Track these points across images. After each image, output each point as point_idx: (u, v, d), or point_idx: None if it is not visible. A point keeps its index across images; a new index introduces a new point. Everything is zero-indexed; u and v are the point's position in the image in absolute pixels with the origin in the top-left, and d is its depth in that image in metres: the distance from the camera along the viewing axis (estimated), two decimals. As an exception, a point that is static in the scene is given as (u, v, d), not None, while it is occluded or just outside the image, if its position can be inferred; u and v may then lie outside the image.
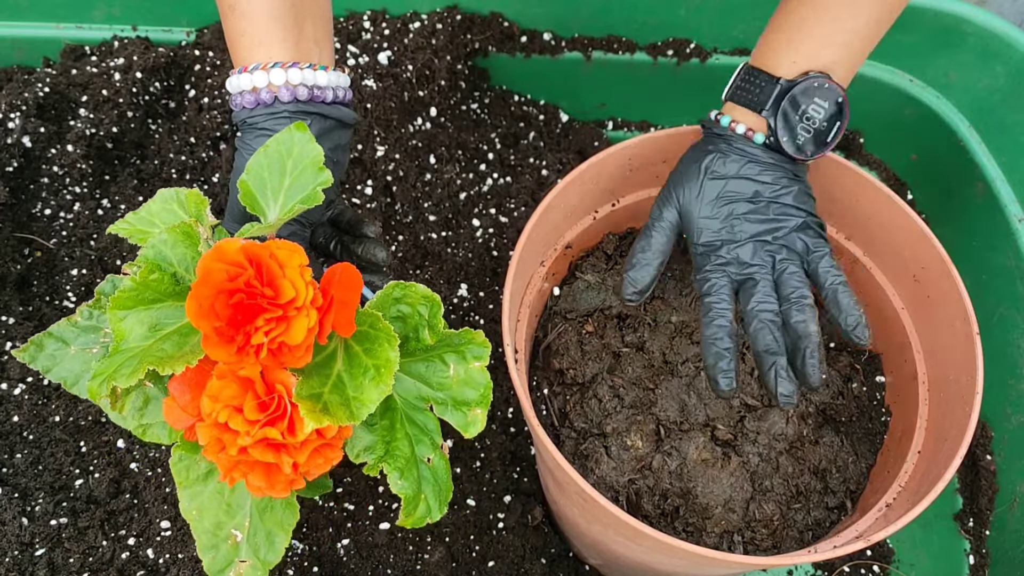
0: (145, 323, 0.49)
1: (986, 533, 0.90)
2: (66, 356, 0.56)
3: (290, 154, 0.55)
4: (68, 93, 1.00)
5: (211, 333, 0.44)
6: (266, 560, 0.53)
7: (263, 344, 0.44)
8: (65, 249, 0.94)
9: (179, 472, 0.53)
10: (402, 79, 1.02)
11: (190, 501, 0.53)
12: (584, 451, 0.71)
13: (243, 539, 0.53)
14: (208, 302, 0.44)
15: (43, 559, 0.73)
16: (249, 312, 0.44)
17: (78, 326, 0.57)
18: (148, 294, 0.50)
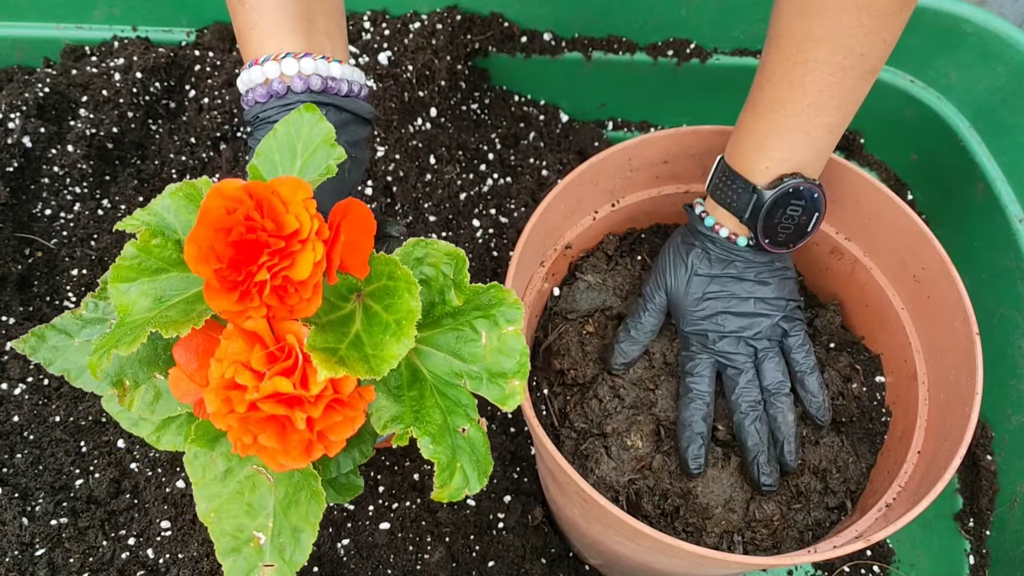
0: (150, 295, 0.46)
1: (986, 533, 0.90)
2: (70, 348, 0.53)
3: (299, 136, 0.53)
4: (68, 93, 1.00)
5: (211, 278, 0.41)
6: (293, 561, 0.48)
7: (266, 281, 0.40)
8: (65, 249, 0.94)
9: (195, 471, 0.49)
10: (402, 79, 1.02)
11: (208, 503, 0.48)
12: (584, 451, 0.71)
13: (267, 541, 0.49)
14: (207, 243, 0.41)
15: (43, 559, 0.73)
16: (251, 250, 0.41)
17: (83, 319, 0.54)
18: (151, 263, 0.47)
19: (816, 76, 0.62)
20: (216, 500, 0.49)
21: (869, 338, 0.80)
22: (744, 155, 0.68)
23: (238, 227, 0.40)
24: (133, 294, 0.46)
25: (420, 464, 0.87)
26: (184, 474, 0.78)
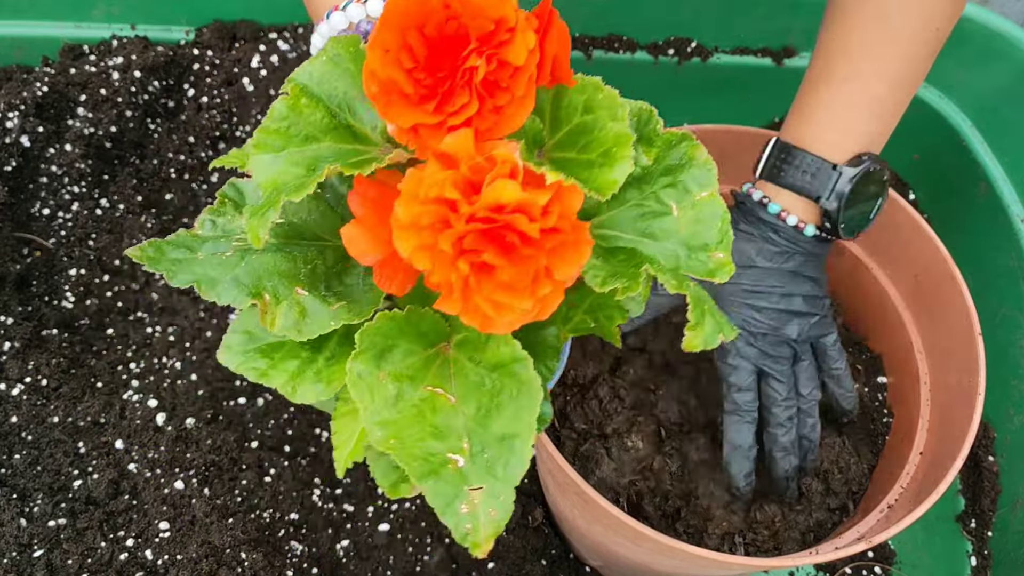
0: (300, 165, 0.39)
1: (988, 535, 0.90)
2: (194, 262, 0.45)
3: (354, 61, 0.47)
4: (67, 92, 1.00)
5: (404, 81, 0.34)
6: (508, 476, 0.39)
7: (477, 68, 0.34)
8: (64, 249, 0.93)
9: (361, 393, 0.40)
10: (402, 78, 1.01)
11: (382, 430, 0.40)
12: (584, 452, 0.71)
13: (466, 462, 0.40)
14: (396, 43, 0.34)
15: (41, 560, 0.73)
16: (451, 46, 0.34)
17: (201, 236, 0.46)
18: (300, 127, 0.40)
19: (899, 49, 0.60)
20: (392, 426, 0.40)
21: (870, 338, 0.80)
22: (817, 130, 0.63)
23: (435, 16, 0.34)
24: (280, 165, 0.39)
25: (420, 465, 0.87)
26: (183, 475, 0.78)
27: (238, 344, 0.45)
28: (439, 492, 0.39)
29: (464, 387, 0.42)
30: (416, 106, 0.35)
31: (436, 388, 0.41)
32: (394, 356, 0.42)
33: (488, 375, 0.42)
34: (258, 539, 0.76)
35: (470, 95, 0.34)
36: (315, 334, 0.42)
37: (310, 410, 0.88)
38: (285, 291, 0.43)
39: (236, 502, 0.78)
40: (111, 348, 0.89)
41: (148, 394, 0.83)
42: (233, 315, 0.89)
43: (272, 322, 0.42)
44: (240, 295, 0.43)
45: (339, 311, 0.42)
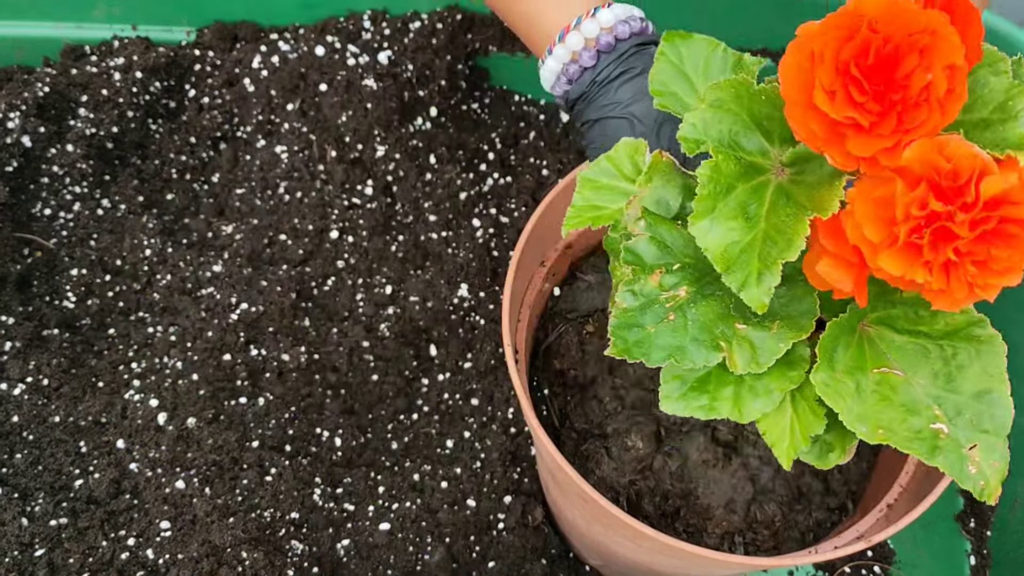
0: (734, 217, 0.41)
1: (987, 534, 0.90)
2: (651, 339, 0.47)
3: (684, 62, 0.50)
4: (68, 93, 1.00)
5: (858, 115, 0.35)
6: (998, 427, 0.42)
7: (935, 82, 0.34)
8: (65, 249, 0.94)
9: (833, 399, 0.43)
10: (402, 79, 1.01)
11: (865, 423, 0.43)
12: (585, 452, 0.71)
13: (949, 427, 0.43)
14: (837, 83, 0.35)
15: (43, 559, 0.73)
16: (889, 63, 0.35)
17: (631, 311, 0.48)
18: (721, 182, 0.42)
19: None
20: (871, 418, 0.43)
21: (870, 338, 0.80)
22: None
23: (872, 44, 0.35)
24: (717, 230, 0.41)
25: (420, 464, 0.87)
26: (184, 474, 0.78)
27: (674, 391, 0.48)
28: (950, 464, 0.42)
29: (904, 360, 0.45)
30: (872, 134, 0.35)
31: (881, 368, 0.44)
32: (838, 355, 0.45)
33: (933, 343, 0.44)
34: (259, 538, 0.76)
35: (930, 110, 0.35)
36: (771, 362, 0.45)
37: (311, 410, 0.88)
38: (729, 331, 0.45)
39: (237, 501, 0.78)
40: (112, 348, 0.89)
41: (149, 394, 0.83)
42: (234, 314, 0.89)
43: (734, 364, 0.45)
44: (708, 353, 0.45)
45: (780, 332, 0.45)
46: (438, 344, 0.94)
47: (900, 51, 0.35)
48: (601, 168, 0.52)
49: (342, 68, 1.00)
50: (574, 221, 0.52)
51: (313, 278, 0.95)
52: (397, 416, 0.90)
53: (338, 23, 1.05)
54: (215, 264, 0.94)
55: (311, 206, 0.97)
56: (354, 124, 0.98)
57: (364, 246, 0.97)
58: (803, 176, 0.42)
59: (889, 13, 0.35)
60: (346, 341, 0.91)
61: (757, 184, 0.43)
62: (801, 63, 0.37)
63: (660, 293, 0.48)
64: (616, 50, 0.56)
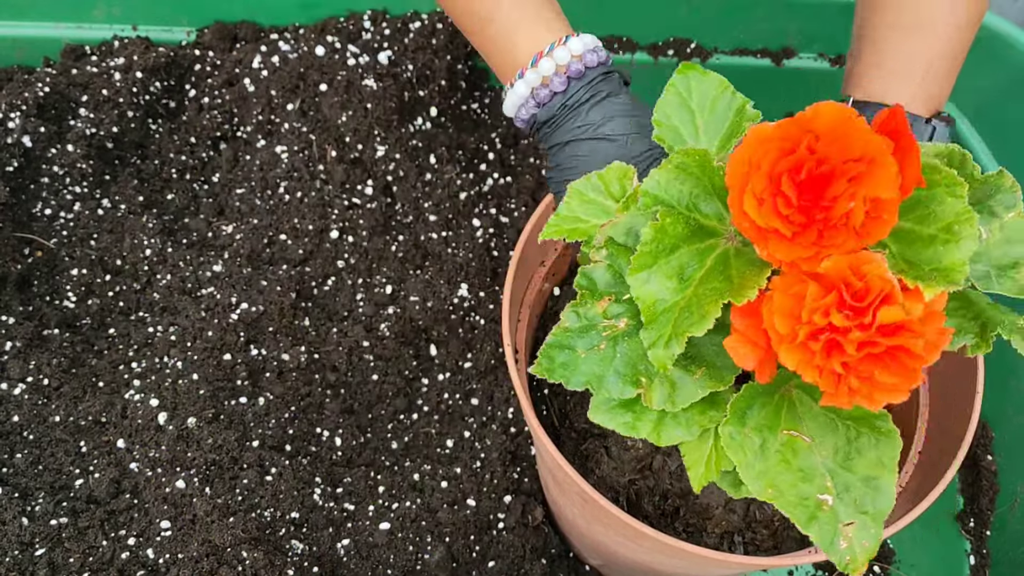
0: (669, 277, 0.45)
1: (987, 533, 0.90)
2: (578, 362, 0.51)
3: (691, 95, 0.52)
4: (68, 93, 1.00)
5: (781, 227, 0.37)
6: (877, 512, 0.45)
7: (853, 211, 0.37)
8: (65, 249, 0.94)
9: (735, 452, 0.46)
10: (402, 79, 1.02)
11: (758, 481, 0.46)
12: (585, 451, 0.71)
13: (835, 501, 0.45)
14: (768, 192, 0.37)
15: (43, 559, 0.73)
16: (819, 183, 0.37)
17: (569, 331, 0.52)
18: (665, 242, 0.45)
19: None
20: (765, 476, 0.46)
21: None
22: (903, 85, 0.62)
23: (806, 163, 0.37)
24: (653, 284, 0.45)
25: (420, 464, 0.87)
26: (184, 474, 0.78)
27: (603, 404, 0.50)
28: (823, 535, 0.45)
29: (815, 428, 0.47)
30: (793, 243, 0.38)
31: (791, 431, 0.47)
32: (753, 412, 0.47)
33: (842, 422, 0.47)
34: (259, 538, 0.76)
35: (847, 234, 0.37)
36: (686, 404, 0.47)
37: (311, 410, 0.88)
38: (653, 368, 0.47)
39: (237, 501, 0.78)
40: (112, 348, 0.89)
41: (149, 393, 0.83)
42: (234, 314, 0.90)
43: (650, 400, 0.47)
44: (624, 386, 0.48)
45: (702, 379, 0.48)
46: (438, 344, 0.94)
47: (832, 174, 0.37)
48: (591, 183, 0.54)
49: (342, 68, 1.00)
50: (552, 230, 0.54)
51: (313, 278, 0.95)
52: (397, 416, 0.91)
53: (338, 23, 1.05)
54: (215, 264, 0.94)
55: (311, 206, 0.97)
56: (354, 124, 0.99)
57: (364, 246, 0.97)
58: (749, 247, 0.45)
59: (836, 132, 0.37)
60: (346, 341, 0.91)
61: (705, 247, 0.46)
62: (744, 162, 0.39)
63: (601, 320, 0.51)
64: (585, 76, 0.60)
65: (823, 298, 0.38)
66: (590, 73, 0.59)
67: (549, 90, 0.60)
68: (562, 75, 0.59)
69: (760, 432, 0.47)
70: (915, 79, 0.62)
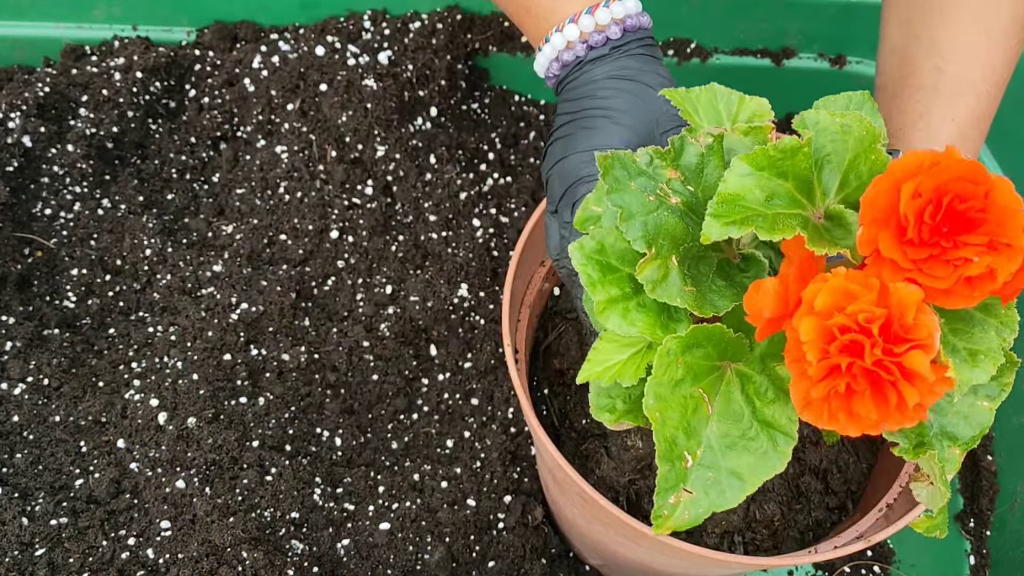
0: (764, 190, 0.44)
1: (987, 533, 0.90)
2: (626, 190, 0.49)
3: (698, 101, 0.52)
4: (68, 93, 1.00)
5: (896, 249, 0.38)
6: (714, 502, 0.46)
7: (973, 276, 0.37)
8: (65, 249, 0.94)
9: (659, 366, 0.47)
10: (402, 79, 1.02)
11: (655, 400, 0.46)
12: (584, 451, 0.71)
13: (692, 466, 0.47)
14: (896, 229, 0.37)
15: (43, 559, 0.73)
16: (957, 226, 0.37)
17: (636, 166, 0.50)
18: (778, 165, 0.45)
19: (1000, 50, 0.60)
20: (662, 403, 0.47)
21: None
22: (941, 142, 0.63)
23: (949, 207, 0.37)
24: (750, 183, 0.44)
25: (420, 464, 0.87)
26: (184, 474, 0.78)
27: (590, 248, 0.49)
28: (666, 478, 0.46)
29: (724, 409, 0.48)
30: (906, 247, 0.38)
31: (704, 394, 0.47)
32: (695, 352, 0.47)
33: (752, 418, 0.47)
34: (259, 538, 0.76)
35: (955, 286, 0.38)
36: (662, 300, 0.47)
37: (311, 410, 0.88)
38: (666, 251, 0.47)
39: (237, 501, 0.78)
40: (112, 348, 0.89)
41: (149, 393, 0.83)
42: (234, 314, 0.90)
43: (642, 269, 0.46)
44: (641, 239, 0.47)
45: (688, 295, 0.47)
46: (438, 344, 0.94)
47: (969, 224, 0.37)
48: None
49: (342, 68, 1.00)
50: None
51: (313, 278, 0.95)
52: (397, 416, 0.91)
53: (338, 23, 1.05)
54: (215, 264, 0.94)
55: (311, 206, 0.97)
56: (354, 124, 0.99)
57: (364, 246, 0.97)
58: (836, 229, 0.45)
59: (981, 204, 0.37)
60: (346, 341, 0.91)
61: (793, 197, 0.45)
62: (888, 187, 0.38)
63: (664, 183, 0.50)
64: (609, 44, 0.60)
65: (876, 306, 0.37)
66: (615, 42, 0.60)
67: (573, 53, 0.60)
68: (585, 42, 0.59)
69: (687, 372, 0.47)
70: (952, 141, 0.62)
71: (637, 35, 0.61)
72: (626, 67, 0.60)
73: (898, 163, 0.39)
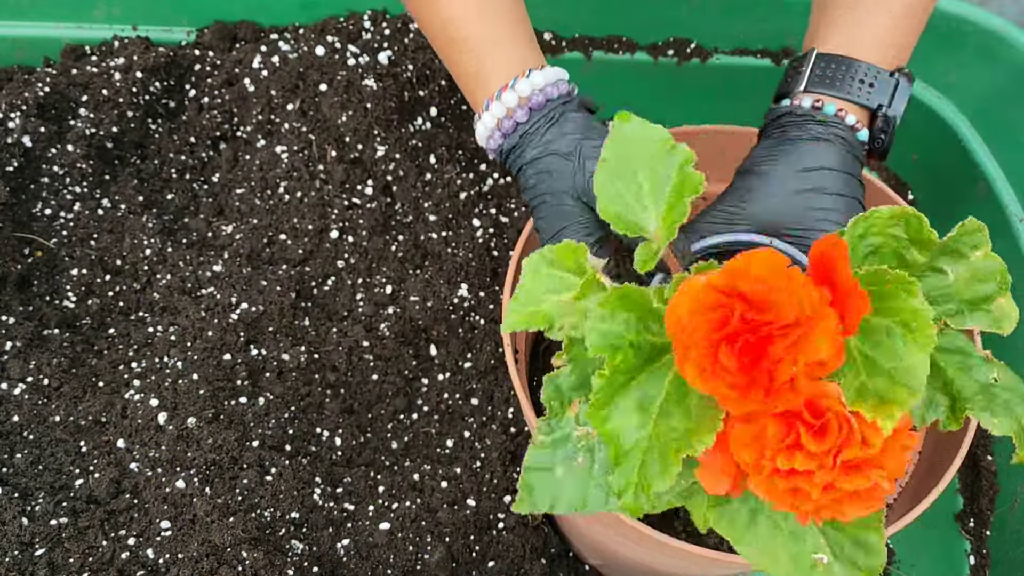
0: (630, 410, 0.43)
1: (987, 533, 0.90)
2: (555, 483, 0.49)
3: (630, 152, 0.51)
4: (68, 93, 1.00)
5: (726, 391, 0.38)
6: (868, 566, 0.45)
7: (793, 376, 0.37)
8: (65, 249, 0.94)
9: (725, 527, 0.46)
10: (402, 79, 1.02)
11: (757, 551, 0.45)
12: (584, 451, 0.71)
13: (830, 559, 0.45)
14: (708, 361, 0.37)
15: (43, 559, 0.73)
16: (756, 349, 0.37)
17: (544, 446, 0.49)
18: (619, 379, 0.43)
19: None
20: (758, 543, 0.46)
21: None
22: (859, 39, 0.61)
23: (739, 331, 0.37)
24: (616, 419, 0.43)
25: (420, 464, 0.87)
26: (184, 474, 0.78)
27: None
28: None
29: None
30: (744, 400, 0.38)
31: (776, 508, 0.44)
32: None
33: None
34: (259, 538, 0.76)
35: (794, 394, 0.38)
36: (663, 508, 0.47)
37: (311, 410, 0.88)
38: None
39: (237, 501, 0.78)
40: (112, 347, 0.89)
41: (149, 393, 0.83)
42: (234, 314, 0.90)
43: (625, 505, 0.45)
44: (609, 497, 0.47)
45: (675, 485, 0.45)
46: (438, 344, 0.94)
47: (770, 339, 0.37)
48: (545, 257, 0.51)
49: (342, 68, 1.00)
50: (513, 319, 0.50)
51: (313, 278, 0.95)
52: (397, 416, 0.91)
53: (338, 23, 1.05)
54: (215, 264, 0.94)
55: (311, 206, 0.97)
56: (354, 124, 0.99)
57: (364, 246, 0.97)
58: None
59: (768, 295, 0.37)
60: (346, 341, 0.91)
61: (660, 365, 0.44)
62: (680, 327, 0.38)
63: (575, 428, 0.49)
64: (544, 108, 0.62)
65: (784, 438, 0.38)
66: (550, 104, 0.62)
67: (513, 121, 0.62)
68: (524, 107, 0.62)
69: (746, 501, 0.46)
70: (881, 30, 0.61)
71: (558, 103, 0.62)
72: (545, 145, 0.62)
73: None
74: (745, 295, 0.37)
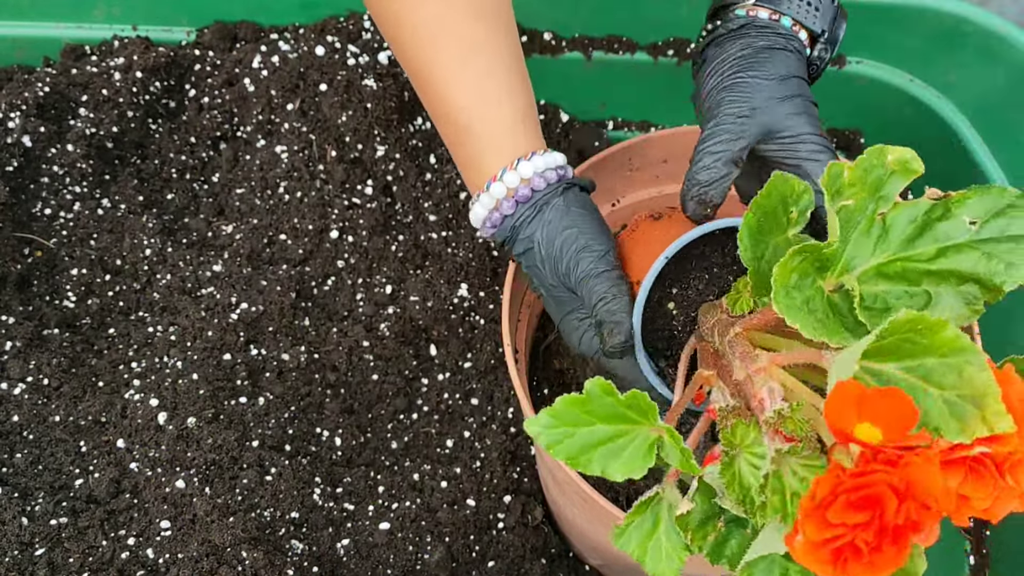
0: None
1: (986, 533, 0.90)
2: None
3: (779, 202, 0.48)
4: (68, 93, 1.00)
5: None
6: None
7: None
8: (65, 249, 0.94)
9: None
10: (402, 79, 1.02)
11: None
12: (584, 451, 0.71)
13: None
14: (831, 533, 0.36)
15: (43, 559, 0.73)
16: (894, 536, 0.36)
17: None
18: None
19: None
20: None
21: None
22: None
23: (888, 523, 0.36)
24: None
25: (420, 464, 0.87)
26: (184, 474, 0.78)
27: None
28: None
29: None
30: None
31: None
32: None
33: None
34: (258, 538, 0.76)
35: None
36: None
37: (311, 409, 0.88)
38: None
39: (237, 501, 0.78)
40: (112, 347, 0.89)
41: (149, 393, 0.83)
42: (234, 314, 0.90)
43: None
44: None
45: None
46: (438, 344, 0.94)
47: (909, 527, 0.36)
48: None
49: (342, 68, 1.00)
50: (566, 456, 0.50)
51: (313, 278, 0.95)
52: (397, 416, 0.91)
53: (338, 23, 1.05)
54: (215, 264, 0.94)
55: (311, 206, 0.97)
56: (354, 124, 0.99)
57: (364, 246, 0.97)
58: None
59: (923, 488, 0.36)
60: (346, 341, 0.91)
61: None
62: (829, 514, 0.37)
63: None
64: (532, 199, 0.61)
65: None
66: (537, 194, 0.61)
67: (500, 213, 0.61)
68: (511, 199, 0.61)
69: None
70: None
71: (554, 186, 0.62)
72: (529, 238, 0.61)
73: None
74: (905, 483, 0.36)
